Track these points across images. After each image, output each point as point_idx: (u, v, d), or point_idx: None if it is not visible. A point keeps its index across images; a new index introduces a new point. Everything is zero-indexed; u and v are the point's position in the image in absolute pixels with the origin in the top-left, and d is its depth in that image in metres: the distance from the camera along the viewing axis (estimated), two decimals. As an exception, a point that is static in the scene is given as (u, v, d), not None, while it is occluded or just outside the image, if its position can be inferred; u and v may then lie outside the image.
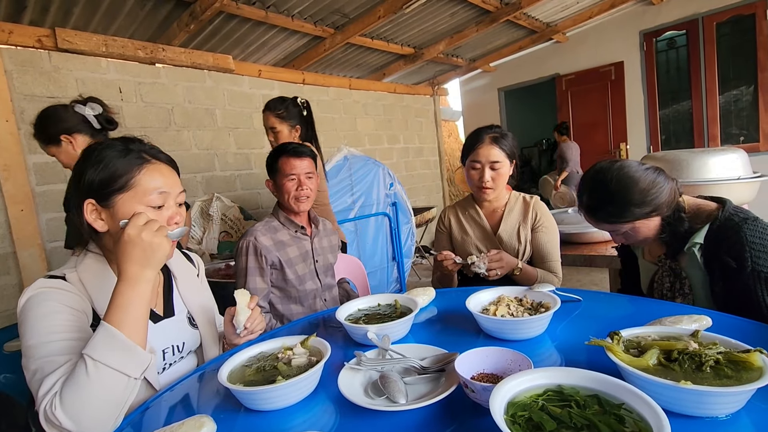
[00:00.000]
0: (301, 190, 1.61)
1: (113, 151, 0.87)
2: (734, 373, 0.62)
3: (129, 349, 0.75)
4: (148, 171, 0.87)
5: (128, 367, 0.74)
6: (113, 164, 0.85)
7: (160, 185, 0.88)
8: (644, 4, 4.90)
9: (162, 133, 3.01)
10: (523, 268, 1.47)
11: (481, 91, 6.52)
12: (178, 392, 0.90)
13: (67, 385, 0.71)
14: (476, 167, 1.54)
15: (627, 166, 1.08)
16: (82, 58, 2.63)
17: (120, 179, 0.85)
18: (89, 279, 0.88)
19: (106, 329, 0.75)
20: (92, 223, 0.86)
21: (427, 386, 0.77)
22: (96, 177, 0.84)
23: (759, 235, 0.97)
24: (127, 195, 0.85)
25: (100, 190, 0.85)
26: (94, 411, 0.71)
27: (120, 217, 0.85)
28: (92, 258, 0.91)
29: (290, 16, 3.16)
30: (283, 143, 1.72)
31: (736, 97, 4.63)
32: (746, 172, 1.99)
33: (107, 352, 0.73)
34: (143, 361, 0.77)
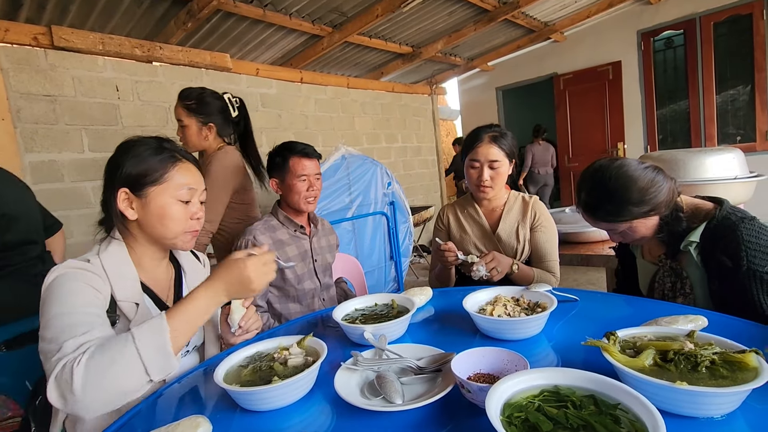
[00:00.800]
0: (311, 191, 1.62)
1: (149, 148, 0.96)
2: (729, 374, 0.62)
3: (165, 350, 0.76)
4: (180, 168, 0.96)
5: (153, 367, 0.74)
6: (149, 159, 0.94)
7: (189, 182, 0.97)
8: (642, 4, 4.91)
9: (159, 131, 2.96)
10: (519, 268, 1.47)
11: (479, 90, 6.52)
12: (174, 392, 0.90)
13: (101, 349, 0.72)
14: (475, 166, 1.54)
15: (626, 164, 1.08)
16: (78, 56, 2.62)
17: (155, 173, 0.93)
18: (110, 265, 0.93)
19: (161, 323, 0.77)
20: (123, 211, 0.93)
21: (424, 386, 0.76)
22: (133, 170, 0.93)
23: (755, 234, 0.97)
24: (159, 188, 0.94)
25: (135, 181, 0.93)
26: (105, 386, 0.70)
27: (152, 206, 0.93)
28: (115, 245, 0.96)
29: (288, 14, 3.15)
30: (290, 142, 1.69)
31: (733, 97, 4.64)
32: (743, 171, 2.00)
33: (147, 341, 0.74)
34: (169, 367, 0.77)
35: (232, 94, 1.84)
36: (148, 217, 0.94)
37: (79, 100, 2.62)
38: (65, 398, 0.69)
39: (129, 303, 0.92)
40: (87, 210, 2.63)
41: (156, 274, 1.02)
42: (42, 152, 2.47)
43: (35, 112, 2.47)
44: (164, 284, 1.04)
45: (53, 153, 2.51)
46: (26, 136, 2.46)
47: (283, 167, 1.64)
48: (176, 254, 1.11)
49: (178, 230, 0.96)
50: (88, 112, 2.65)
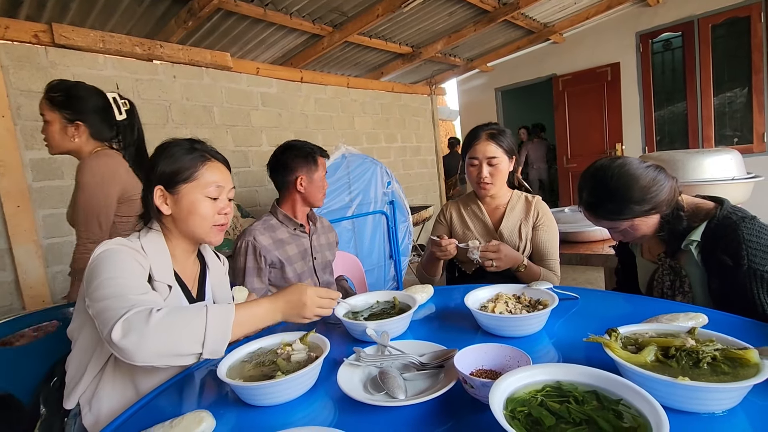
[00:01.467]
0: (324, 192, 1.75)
1: (182, 148, 1.03)
2: (731, 370, 0.62)
3: (225, 333, 0.80)
4: (209, 167, 1.04)
5: (209, 343, 0.78)
6: (182, 159, 1.02)
7: (218, 180, 1.04)
8: (640, 6, 4.92)
9: (159, 129, 2.99)
10: (528, 266, 1.46)
11: (479, 91, 6.53)
12: (178, 387, 0.90)
13: (179, 309, 0.79)
14: (474, 164, 1.55)
15: (628, 163, 1.09)
16: (79, 54, 2.61)
17: (186, 171, 1.01)
18: (150, 248, 1.00)
19: (230, 309, 0.82)
20: (159, 206, 1.01)
21: (426, 382, 0.77)
22: (167, 168, 1.01)
23: (756, 233, 0.98)
24: (190, 185, 1.01)
25: (169, 179, 1.01)
26: (169, 339, 0.75)
27: (184, 202, 1.01)
28: (154, 234, 1.04)
29: (289, 13, 3.15)
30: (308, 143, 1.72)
31: (730, 99, 4.66)
32: (740, 172, 2.01)
33: (216, 320, 0.79)
34: (220, 351, 0.80)
35: (120, 95, 1.58)
36: (180, 212, 1.02)
37: (79, 98, 2.61)
38: (129, 337, 0.73)
39: (163, 284, 0.98)
40: (86, 208, 2.62)
41: (185, 265, 1.09)
42: (42, 150, 2.46)
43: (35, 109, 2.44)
44: (191, 276, 1.11)
45: (53, 151, 2.51)
46: (26, 134, 2.45)
47: (311, 166, 1.68)
48: (203, 251, 1.19)
49: (207, 225, 1.03)
50: (88, 109, 2.65)
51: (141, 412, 0.81)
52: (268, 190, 3.62)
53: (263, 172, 3.64)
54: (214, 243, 1.08)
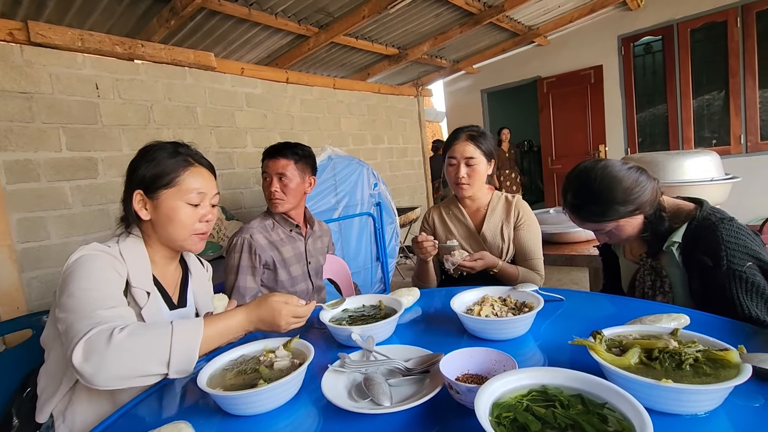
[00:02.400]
0: (270, 191, 1.60)
1: (164, 152, 1.00)
2: (713, 371, 0.63)
3: (191, 355, 0.77)
4: (191, 173, 1.00)
5: (175, 364, 0.76)
6: (163, 163, 0.99)
7: (200, 186, 1.01)
8: (622, 10, 5.02)
9: (141, 130, 2.93)
10: (502, 267, 1.49)
11: (465, 92, 6.58)
12: (156, 397, 0.87)
13: (144, 328, 0.76)
14: (453, 163, 1.57)
15: (610, 165, 1.10)
16: (56, 53, 2.54)
17: (167, 176, 0.98)
18: (128, 254, 0.98)
19: (199, 326, 0.80)
20: (138, 211, 0.99)
21: (412, 388, 0.76)
22: (147, 172, 0.98)
23: (734, 234, 1.00)
24: (171, 191, 0.98)
25: (149, 184, 0.98)
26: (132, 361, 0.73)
27: (163, 209, 0.98)
28: (132, 239, 1.01)
29: (274, 14, 3.12)
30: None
31: (708, 102, 4.78)
32: (719, 173, 2.06)
33: (182, 339, 0.77)
34: (187, 370, 0.78)
35: None
36: (159, 219, 0.99)
37: (57, 98, 2.54)
38: (90, 360, 0.71)
39: (141, 290, 0.96)
40: (65, 211, 2.54)
41: (166, 271, 1.07)
42: (17, 151, 2.38)
43: (10, 109, 2.38)
44: (172, 282, 1.09)
45: (29, 152, 2.42)
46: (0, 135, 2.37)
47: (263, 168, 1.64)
48: (186, 257, 1.16)
49: (186, 233, 1.00)
50: (66, 110, 2.57)
51: (117, 424, 0.78)
52: (253, 192, 3.57)
53: (248, 174, 3.59)
54: (194, 251, 1.05)
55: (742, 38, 4.43)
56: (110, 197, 2.72)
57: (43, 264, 2.45)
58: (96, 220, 2.66)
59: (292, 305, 0.91)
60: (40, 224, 2.45)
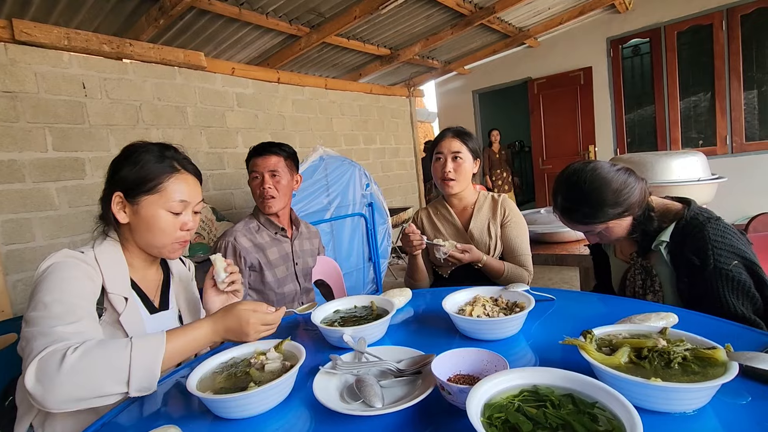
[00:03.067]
0: (265, 189, 1.57)
1: (150, 155, 0.96)
2: (700, 369, 0.63)
3: (152, 373, 0.75)
4: (176, 179, 0.97)
5: (135, 382, 0.74)
6: (148, 167, 0.95)
7: (184, 194, 0.97)
8: (611, 12, 5.08)
9: (129, 131, 2.89)
10: (487, 261, 1.51)
11: (456, 93, 6.61)
12: (145, 401, 0.86)
13: (100, 345, 0.73)
14: (439, 159, 1.60)
15: (599, 167, 1.11)
16: (41, 52, 2.49)
17: (150, 182, 0.94)
18: (104, 259, 0.94)
19: (160, 343, 0.77)
20: (116, 214, 0.95)
21: (404, 389, 0.76)
22: (130, 175, 0.94)
23: (721, 234, 1.01)
24: (152, 198, 0.94)
25: (131, 187, 0.94)
26: (87, 382, 0.70)
27: (142, 215, 0.94)
28: (109, 243, 0.98)
29: (264, 13, 3.10)
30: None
31: (695, 103, 4.86)
32: (705, 174, 2.09)
33: (142, 357, 0.74)
34: (149, 388, 0.76)
35: None
36: (138, 224, 0.95)
37: (43, 97, 2.49)
38: (42, 382, 0.68)
39: (119, 296, 0.93)
40: (51, 212, 2.50)
41: (146, 274, 1.04)
42: (1, 151, 2.34)
43: (-7, 108, 2.34)
44: (153, 285, 1.06)
45: (13, 152, 2.38)
46: (-17, 135, 2.32)
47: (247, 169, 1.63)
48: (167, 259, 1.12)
49: (166, 241, 0.97)
50: (52, 109, 2.53)
51: (104, 429, 0.76)
52: (244, 192, 3.54)
53: (239, 175, 3.56)
54: (171, 258, 1.02)
55: (727, 41, 4.51)
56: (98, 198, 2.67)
57: (29, 266, 2.41)
58: (83, 222, 2.62)
59: (261, 312, 0.88)
60: (26, 226, 2.41)
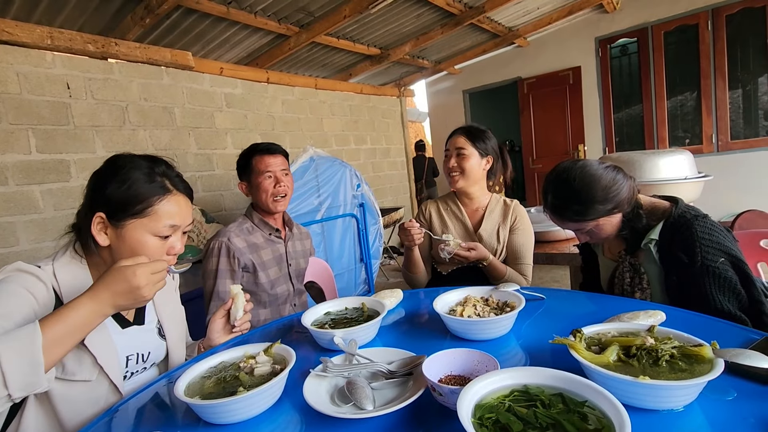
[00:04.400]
0: (279, 188, 1.59)
1: (139, 173, 0.87)
2: (688, 366, 0.64)
3: (34, 365, 0.67)
4: (167, 202, 0.88)
5: (15, 381, 0.65)
6: (136, 187, 0.86)
7: (175, 218, 0.90)
8: (599, 12, 5.13)
9: (116, 132, 2.85)
10: (492, 261, 1.51)
11: (447, 93, 6.62)
12: (132, 406, 0.84)
13: None
14: (447, 155, 1.64)
15: (588, 165, 1.12)
16: (24, 51, 2.44)
17: (139, 204, 0.85)
18: (64, 276, 0.86)
19: (32, 331, 0.68)
20: (96, 235, 0.86)
21: (395, 391, 0.75)
22: (116, 195, 0.85)
23: (708, 231, 1.03)
24: (140, 221, 0.86)
25: (116, 209, 0.85)
26: None
27: (127, 239, 0.85)
28: (72, 260, 0.89)
29: (253, 12, 3.07)
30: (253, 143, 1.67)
31: (681, 102, 4.93)
32: (692, 172, 2.12)
33: (13, 352, 0.65)
34: (36, 384, 0.68)
35: None
36: (120, 249, 0.87)
37: (25, 98, 2.44)
38: None
39: None
40: (35, 216, 2.45)
41: None
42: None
43: (-25, 110, 2.29)
44: None
45: (-4, 154, 2.33)
46: (-36, 136, 2.27)
47: (248, 168, 1.61)
48: None
49: None
50: (35, 110, 2.48)
51: (90, 437, 0.75)
52: (234, 194, 3.51)
53: (228, 176, 3.53)
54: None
55: (712, 41, 4.58)
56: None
57: (13, 271, 2.36)
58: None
59: (143, 262, 0.78)
60: (9, 230, 2.36)
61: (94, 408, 0.86)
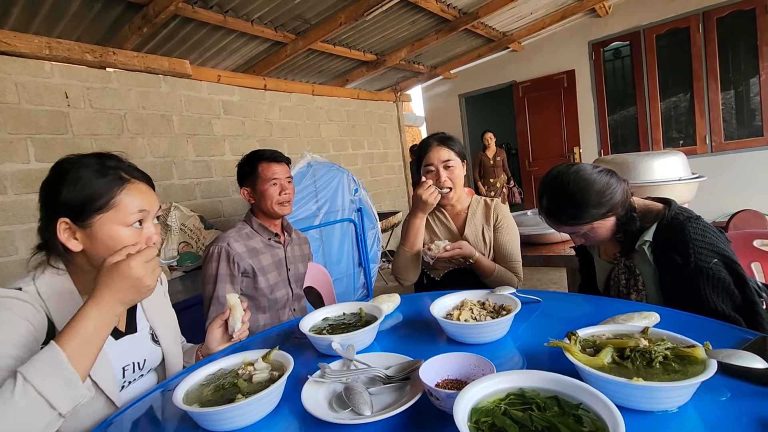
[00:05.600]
0: (284, 195, 1.62)
1: (90, 170, 0.84)
2: (681, 368, 0.65)
3: (70, 380, 0.68)
4: (129, 190, 0.86)
5: (60, 401, 0.67)
6: (92, 184, 0.83)
7: (141, 203, 0.87)
8: (592, 16, 5.18)
9: (114, 140, 2.86)
10: (479, 258, 1.50)
11: (443, 97, 6.66)
12: (131, 415, 0.85)
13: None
14: (431, 170, 1.57)
15: (582, 169, 1.13)
16: (22, 61, 2.46)
17: (100, 200, 0.83)
18: (50, 294, 0.83)
19: (55, 352, 0.68)
20: (65, 243, 0.83)
21: (393, 396, 0.76)
22: (73, 197, 0.82)
23: (701, 232, 1.04)
24: (107, 215, 0.84)
25: (77, 210, 0.82)
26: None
27: (99, 237, 0.83)
28: (53, 274, 0.86)
29: (250, 21, 3.09)
30: (257, 150, 1.69)
31: (675, 104, 4.98)
32: (686, 173, 2.14)
33: (44, 376, 0.66)
34: (79, 396, 0.69)
35: None
36: (95, 249, 0.84)
37: (24, 108, 2.45)
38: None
39: None
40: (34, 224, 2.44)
41: None
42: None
43: (-28, 120, 2.30)
44: None
45: (-6, 164, 2.34)
46: (-38, 147, 2.28)
47: (252, 175, 1.63)
48: None
49: None
50: (34, 120, 2.49)
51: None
52: (233, 200, 3.52)
53: (227, 182, 3.54)
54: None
55: (704, 43, 4.63)
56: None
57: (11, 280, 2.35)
58: (67, 233, 2.57)
59: (134, 252, 0.77)
60: (8, 239, 2.36)
61: (92, 419, 0.86)
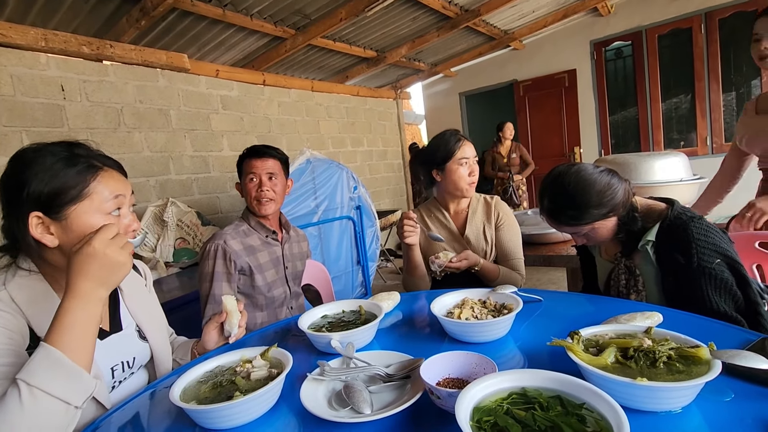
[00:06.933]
0: (262, 191, 1.56)
1: (58, 159, 0.80)
2: (685, 368, 0.64)
3: (74, 374, 0.68)
4: (102, 178, 0.83)
5: (71, 395, 0.67)
6: (63, 174, 0.79)
7: (116, 190, 0.85)
8: (594, 16, 5.17)
9: (111, 134, 2.83)
10: (483, 265, 1.50)
11: (443, 95, 6.64)
12: (127, 413, 0.83)
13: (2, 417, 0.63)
14: (464, 163, 1.57)
15: (583, 169, 1.12)
16: (18, 53, 2.43)
17: (73, 189, 0.79)
18: (24, 298, 0.79)
19: (48, 351, 0.67)
20: (40, 238, 0.78)
21: (393, 394, 0.75)
22: (44, 188, 0.77)
23: (703, 232, 1.03)
24: (81, 205, 0.80)
25: (49, 202, 0.78)
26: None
27: (76, 228, 0.79)
28: (23, 276, 0.82)
29: (249, 15, 3.07)
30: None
31: (676, 105, 4.97)
32: (687, 174, 2.13)
33: (48, 377, 0.66)
34: (88, 387, 0.70)
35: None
36: (71, 241, 0.79)
37: (19, 100, 2.43)
38: None
39: None
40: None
41: None
42: (-23, 156, 2.27)
43: (-32, 112, 2.27)
44: None
45: (-11, 157, 2.31)
46: (-43, 139, 2.25)
47: (240, 170, 1.61)
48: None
49: None
50: (29, 112, 2.46)
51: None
52: (230, 196, 3.50)
53: (224, 178, 3.52)
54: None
55: (706, 44, 4.62)
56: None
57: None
58: (63, 228, 2.55)
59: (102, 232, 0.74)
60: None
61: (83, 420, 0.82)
